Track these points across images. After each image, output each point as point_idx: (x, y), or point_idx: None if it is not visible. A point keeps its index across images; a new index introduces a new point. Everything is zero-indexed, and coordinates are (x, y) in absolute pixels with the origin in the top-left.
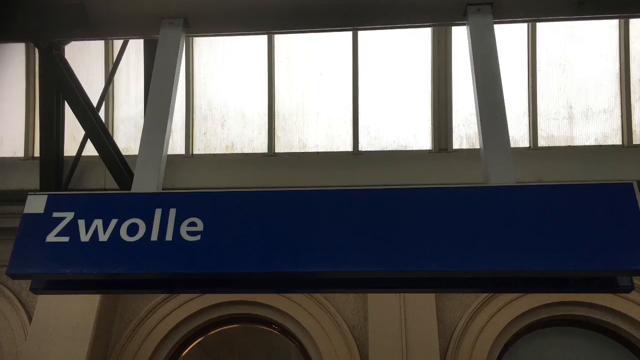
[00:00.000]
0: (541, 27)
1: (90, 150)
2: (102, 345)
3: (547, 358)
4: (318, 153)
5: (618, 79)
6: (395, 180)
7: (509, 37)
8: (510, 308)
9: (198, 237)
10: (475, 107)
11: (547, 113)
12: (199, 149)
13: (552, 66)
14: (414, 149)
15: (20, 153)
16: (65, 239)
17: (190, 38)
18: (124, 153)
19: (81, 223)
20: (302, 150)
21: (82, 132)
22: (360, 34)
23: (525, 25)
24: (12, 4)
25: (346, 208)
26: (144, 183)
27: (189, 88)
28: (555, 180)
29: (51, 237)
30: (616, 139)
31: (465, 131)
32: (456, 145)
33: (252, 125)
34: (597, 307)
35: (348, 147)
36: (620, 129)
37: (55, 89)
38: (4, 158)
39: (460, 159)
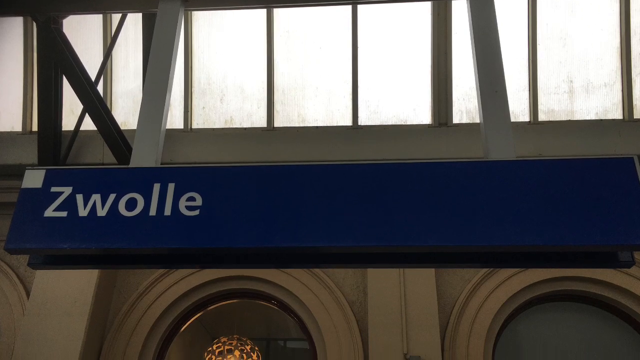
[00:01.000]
0: (541, 1)
1: (88, 124)
2: (100, 321)
3: (547, 333)
4: (317, 127)
5: (619, 53)
6: (394, 154)
7: (509, 11)
8: (511, 283)
9: (197, 212)
10: (475, 81)
11: (548, 87)
12: (197, 123)
13: (552, 40)
14: (414, 123)
15: (18, 127)
16: (63, 213)
17: (189, 12)
18: (122, 127)
19: (79, 198)
20: (301, 125)
21: (81, 107)
22: (360, 7)
23: None
24: None
25: (345, 182)
26: (143, 157)
27: (187, 62)
28: (555, 155)
29: (49, 212)
30: (617, 113)
31: (465, 105)
32: (456, 119)
33: (251, 99)
34: (598, 282)
35: (347, 121)
36: (620, 103)
37: (53, 63)
38: (1, 132)
39: (460, 133)
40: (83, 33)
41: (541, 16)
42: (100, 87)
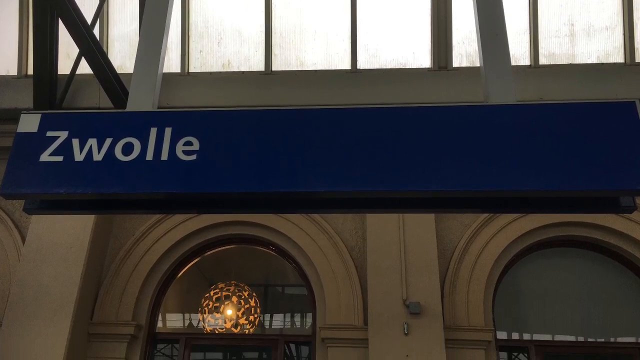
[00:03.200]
0: None
1: (84, 68)
2: (96, 266)
3: (548, 279)
4: (316, 71)
5: None
6: (394, 98)
7: None
8: (511, 229)
9: (194, 157)
10: (476, 24)
11: (548, 31)
12: (194, 67)
13: None
14: (413, 67)
15: (13, 71)
16: (59, 158)
17: None
18: (118, 71)
19: (75, 142)
20: (300, 69)
21: (76, 50)
22: None
23: None
24: None
25: (344, 127)
26: (139, 101)
27: (184, 5)
28: (556, 99)
29: (45, 157)
30: (618, 57)
31: (465, 49)
32: (456, 63)
33: (248, 43)
34: (599, 228)
35: (346, 65)
36: (622, 46)
37: (49, 5)
38: None
39: (460, 77)
40: None
41: None
42: (96, 31)
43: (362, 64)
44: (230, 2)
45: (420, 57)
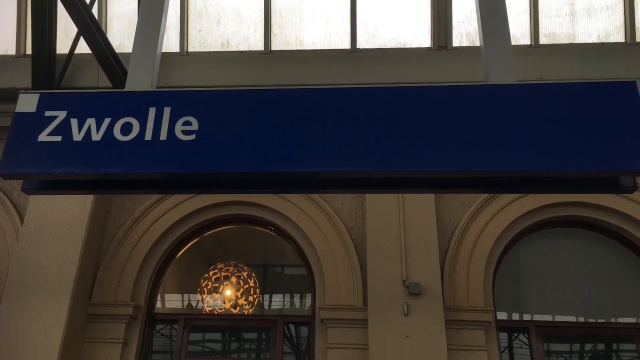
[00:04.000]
0: None
1: (83, 48)
2: (95, 247)
3: (548, 259)
4: (315, 51)
5: None
6: (393, 78)
7: None
8: (511, 209)
9: (193, 137)
10: (476, 3)
11: (549, 10)
12: (193, 46)
13: None
14: (413, 46)
15: (11, 50)
16: (58, 138)
17: None
18: (117, 51)
19: (74, 122)
20: (299, 48)
21: (75, 30)
22: None
23: None
24: None
25: (344, 107)
26: (138, 81)
27: None
28: (556, 79)
29: (43, 137)
30: (619, 37)
31: (466, 28)
32: (456, 42)
33: (248, 22)
34: (600, 208)
35: (346, 44)
36: (623, 26)
37: None
38: None
39: (460, 56)
40: None
41: None
42: (95, 10)
43: (361, 44)
44: None
45: (420, 36)
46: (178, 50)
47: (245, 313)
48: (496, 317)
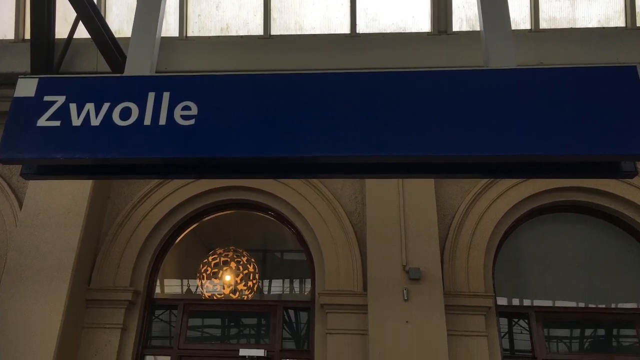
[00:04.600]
0: None
1: (82, 32)
2: (94, 232)
3: (548, 244)
4: (315, 35)
5: None
6: (393, 63)
7: None
8: (511, 194)
9: (192, 121)
10: None
11: None
12: (193, 31)
13: None
14: (413, 31)
15: (10, 35)
16: (57, 123)
17: None
18: (116, 35)
19: (73, 107)
20: (299, 33)
21: (74, 14)
22: None
23: None
24: None
25: (343, 92)
26: (137, 66)
27: None
28: (556, 63)
29: (42, 122)
30: (619, 21)
31: (465, 13)
32: (456, 27)
33: (247, 6)
34: (600, 193)
35: (345, 29)
36: (623, 10)
37: None
38: None
39: (460, 41)
40: None
41: None
42: None
43: (361, 28)
44: None
45: (420, 21)
46: (177, 35)
47: (245, 298)
48: (496, 303)
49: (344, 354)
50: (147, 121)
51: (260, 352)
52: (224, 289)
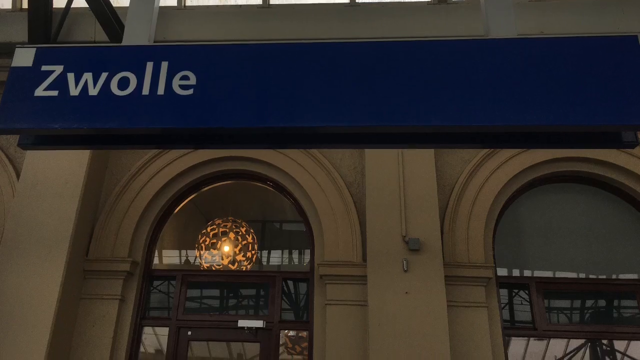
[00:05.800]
0: None
1: (80, 1)
2: (92, 202)
3: (549, 215)
4: (314, 4)
5: None
6: (393, 33)
7: None
8: (512, 164)
9: (191, 91)
10: None
11: None
12: (191, 0)
13: None
14: (413, 0)
15: (7, 4)
16: (55, 92)
17: None
18: (114, 4)
19: (70, 77)
20: (298, 2)
21: None
22: None
23: None
24: None
25: (343, 61)
26: (135, 35)
27: None
28: (557, 33)
29: (40, 91)
30: None
31: None
32: None
33: None
34: (601, 163)
35: None
36: None
37: None
38: None
39: (460, 10)
40: None
41: None
42: None
43: None
44: None
45: None
46: (176, 4)
47: (244, 269)
48: (496, 273)
49: (344, 325)
50: (146, 91)
51: (259, 323)
52: (222, 259)
